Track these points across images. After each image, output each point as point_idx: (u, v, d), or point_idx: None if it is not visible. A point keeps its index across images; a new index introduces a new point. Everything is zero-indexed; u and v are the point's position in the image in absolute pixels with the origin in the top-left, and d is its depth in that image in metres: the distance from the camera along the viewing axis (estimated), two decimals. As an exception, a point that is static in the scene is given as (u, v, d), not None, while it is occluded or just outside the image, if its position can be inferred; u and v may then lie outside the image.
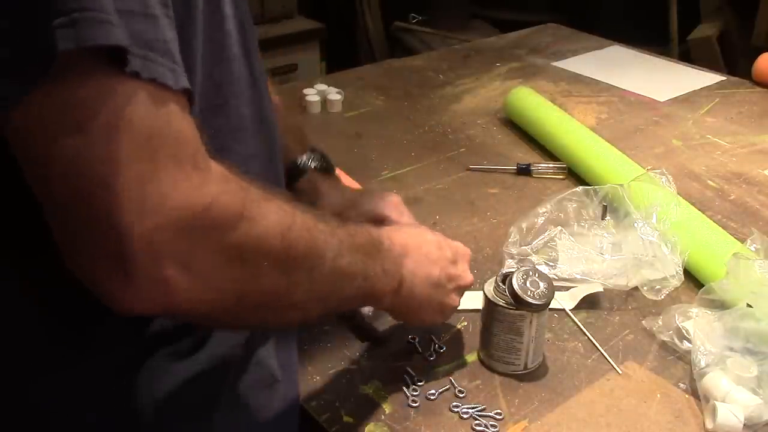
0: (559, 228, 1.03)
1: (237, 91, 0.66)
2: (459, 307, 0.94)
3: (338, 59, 2.67)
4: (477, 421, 0.79)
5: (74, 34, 0.46)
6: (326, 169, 0.96)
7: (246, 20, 0.67)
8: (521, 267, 0.85)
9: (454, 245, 0.83)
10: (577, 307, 0.97)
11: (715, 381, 0.80)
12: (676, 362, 0.89)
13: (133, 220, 0.48)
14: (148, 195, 0.49)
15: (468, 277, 0.83)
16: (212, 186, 0.52)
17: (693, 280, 1.01)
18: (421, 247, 0.78)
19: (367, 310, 0.89)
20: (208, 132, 0.62)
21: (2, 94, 0.47)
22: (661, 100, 1.60)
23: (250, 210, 0.55)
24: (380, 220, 0.91)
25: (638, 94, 1.62)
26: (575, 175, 1.28)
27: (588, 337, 0.92)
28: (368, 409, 0.81)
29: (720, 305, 0.90)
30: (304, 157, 0.94)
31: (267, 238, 0.56)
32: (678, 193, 1.09)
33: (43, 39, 0.46)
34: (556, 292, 0.85)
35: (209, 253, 0.52)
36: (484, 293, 0.85)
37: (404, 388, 0.84)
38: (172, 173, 0.50)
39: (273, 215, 0.57)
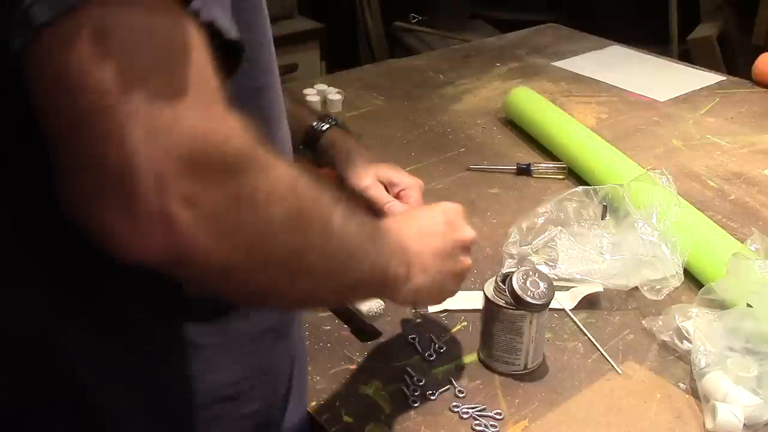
0: (559, 228, 1.03)
1: (273, 74, 0.65)
2: (458, 308, 0.95)
3: (338, 59, 2.67)
4: (477, 421, 0.79)
5: None
6: (344, 128, 0.99)
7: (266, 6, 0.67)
8: (521, 267, 0.85)
9: (441, 207, 0.79)
10: (577, 307, 0.97)
11: (715, 381, 0.80)
12: (676, 362, 0.89)
13: (140, 140, 0.44)
14: (162, 116, 0.45)
15: (469, 232, 0.77)
16: (229, 123, 0.49)
17: (693, 280, 1.01)
18: (412, 226, 0.74)
19: (366, 309, 0.89)
20: (253, 114, 0.62)
21: (37, 16, 0.43)
22: (661, 100, 1.60)
23: (263, 156, 0.51)
24: (402, 188, 0.94)
25: (638, 94, 1.62)
26: (575, 175, 1.28)
27: (588, 337, 0.92)
28: (368, 409, 0.81)
29: (720, 305, 0.90)
30: (317, 122, 0.96)
31: (278, 187, 0.52)
32: (678, 193, 1.09)
33: None
34: (556, 292, 0.85)
35: (219, 193, 0.48)
36: (484, 293, 0.85)
37: (404, 388, 0.84)
38: (191, 100, 0.46)
39: (282, 168, 0.53)
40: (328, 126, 0.96)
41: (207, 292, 0.58)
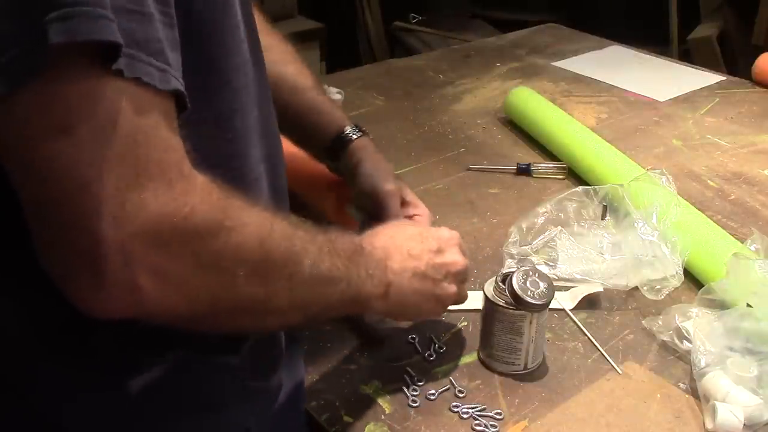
0: (559, 228, 1.03)
1: (250, 94, 0.66)
2: (458, 308, 0.94)
3: (338, 59, 2.67)
4: (477, 421, 0.79)
5: (67, 28, 0.45)
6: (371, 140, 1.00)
7: (252, 24, 0.67)
8: (521, 267, 0.85)
9: (437, 233, 0.81)
10: (577, 307, 0.97)
11: (715, 381, 0.80)
12: (676, 362, 0.89)
13: (109, 227, 0.48)
14: (127, 203, 0.48)
15: (458, 260, 0.80)
16: (194, 196, 0.52)
17: (693, 280, 1.01)
18: (402, 246, 0.77)
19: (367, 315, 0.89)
20: (226, 136, 0.63)
21: None
22: (661, 100, 1.60)
23: (231, 219, 0.55)
24: (405, 203, 0.94)
25: (638, 94, 1.62)
26: (575, 175, 1.28)
27: (588, 337, 0.92)
28: (368, 409, 0.81)
29: (720, 305, 0.90)
30: (349, 128, 0.97)
31: (245, 246, 0.56)
32: (678, 193, 1.09)
33: (33, 35, 0.45)
34: (556, 292, 0.85)
35: (184, 262, 0.52)
36: (484, 293, 0.85)
37: (404, 388, 0.84)
38: (155, 182, 0.49)
39: (252, 224, 0.57)
40: (360, 134, 0.97)
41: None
